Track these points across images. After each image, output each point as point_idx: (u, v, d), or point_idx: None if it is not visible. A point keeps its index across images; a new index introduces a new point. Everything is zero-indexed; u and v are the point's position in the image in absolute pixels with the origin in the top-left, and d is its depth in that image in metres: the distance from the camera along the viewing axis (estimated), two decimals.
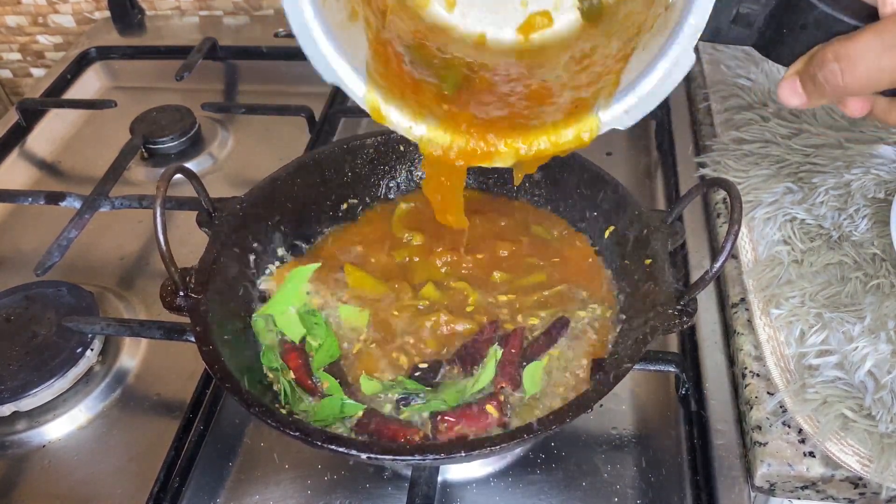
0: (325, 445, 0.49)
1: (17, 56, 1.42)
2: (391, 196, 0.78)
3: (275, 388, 0.62)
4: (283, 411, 0.58)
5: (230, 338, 0.61)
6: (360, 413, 0.59)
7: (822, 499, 0.61)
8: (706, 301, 0.74)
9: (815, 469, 0.58)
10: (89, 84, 1.20)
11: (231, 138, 1.06)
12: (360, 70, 0.51)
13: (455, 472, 0.63)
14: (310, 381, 0.61)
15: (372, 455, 0.49)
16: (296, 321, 0.65)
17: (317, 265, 0.69)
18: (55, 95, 1.14)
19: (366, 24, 0.51)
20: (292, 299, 0.66)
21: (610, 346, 0.63)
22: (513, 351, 0.62)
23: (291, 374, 0.61)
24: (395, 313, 0.66)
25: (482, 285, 0.69)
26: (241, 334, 0.64)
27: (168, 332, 0.68)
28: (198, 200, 0.66)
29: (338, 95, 1.06)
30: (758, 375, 0.64)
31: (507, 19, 0.56)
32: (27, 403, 0.69)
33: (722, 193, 0.82)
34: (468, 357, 0.62)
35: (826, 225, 0.73)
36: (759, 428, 0.61)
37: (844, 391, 0.60)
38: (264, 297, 0.68)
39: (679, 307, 0.57)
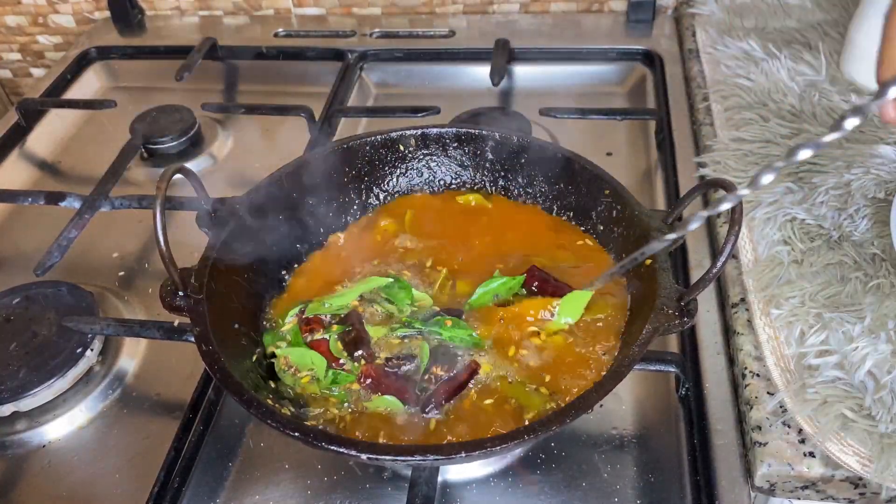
0: (325, 446, 0.49)
1: (17, 56, 1.42)
2: (391, 197, 0.78)
3: (278, 364, 0.63)
4: (286, 412, 0.58)
5: (230, 338, 0.61)
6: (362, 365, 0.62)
7: (822, 499, 0.61)
8: (706, 301, 0.74)
9: (815, 469, 0.58)
10: (89, 84, 1.20)
11: (231, 138, 1.06)
12: None
13: (455, 472, 0.63)
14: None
15: (372, 455, 0.49)
16: (343, 300, 0.67)
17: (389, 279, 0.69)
18: (55, 95, 1.14)
19: None
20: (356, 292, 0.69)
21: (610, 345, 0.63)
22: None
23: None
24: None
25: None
26: (241, 334, 0.64)
27: (168, 332, 0.68)
28: (198, 200, 0.66)
29: (337, 95, 1.07)
30: (758, 375, 0.64)
31: None
32: (27, 403, 0.69)
33: (722, 193, 0.82)
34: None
35: (826, 225, 0.73)
36: (759, 428, 0.61)
37: (844, 391, 0.60)
38: (263, 297, 0.68)
39: (679, 307, 0.57)
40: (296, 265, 0.72)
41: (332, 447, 0.49)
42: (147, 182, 0.99)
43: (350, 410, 0.60)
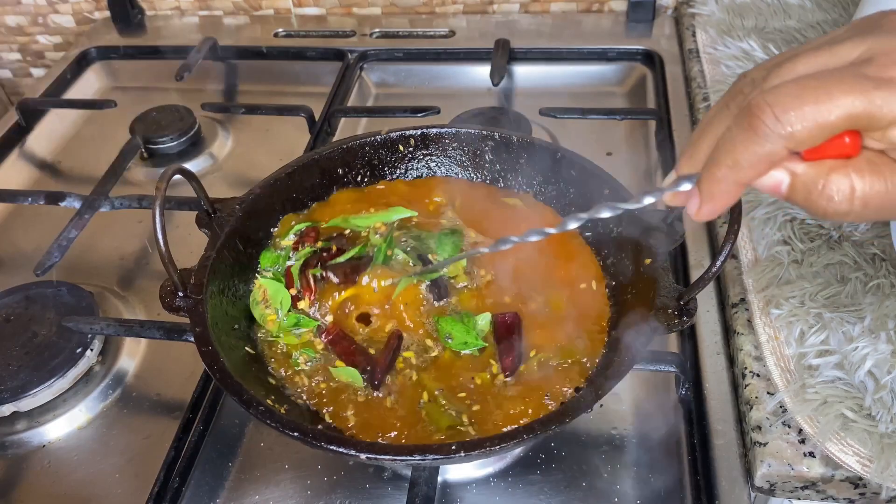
0: (325, 446, 0.49)
1: (17, 56, 1.42)
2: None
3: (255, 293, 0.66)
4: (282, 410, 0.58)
5: (230, 338, 0.62)
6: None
7: (822, 499, 0.61)
8: (706, 301, 0.74)
9: (815, 469, 0.58)
10: (89, 84, 1.20)
11: (231, 138, 1.06)
12: None
13: (455, 472, 0.63)
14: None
15: (372, 455, 0.49)
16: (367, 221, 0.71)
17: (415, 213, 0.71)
18: (55, 95, 1.14)
19: None
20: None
21: (606, 348, 0.63)
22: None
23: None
24: None
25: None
26: (241, 334, 0.64)
27: (168, 332, 0.68)
28: (198, 200, 0.66)
29: (337, 95, 1.07)
30: (758, 375, 0.64)
31: None
32: (27, 403, 0.69)
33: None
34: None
35: (826, 225, 0.73)
36: (759, 428, 0.61)
37: (844, 391, 0.60)
38: None
39: (679, 307, 0.57)
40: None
41: (332, 447, 0.49)
42: (147, 182, 0.99)
43: (319, 380, 0.61)
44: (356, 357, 0.62)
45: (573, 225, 0.48)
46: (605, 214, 0.46)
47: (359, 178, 0.76)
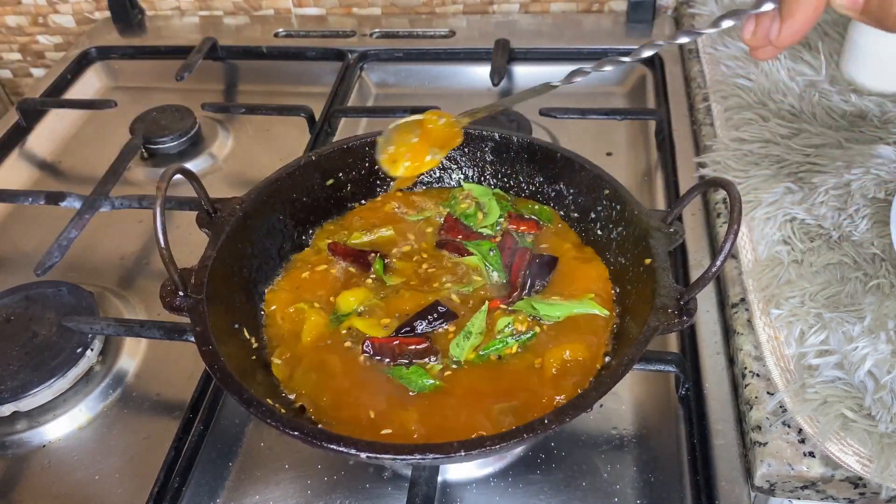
0: (325, 445, 0.49)
1: (17, 56, 1.42)
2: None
3: None
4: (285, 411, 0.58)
5: (230, 338, 0.61)
6: None
7: (822, 499, 0.61)
8: (706, 301, 0.74)
9: (815, 469, 0.59)
10: (89, 84, 1.20)
11: (231, 138, 1.06)
12: None
13: (455, 472, 0.63)
14: None
15: (372, 455, 0.49)
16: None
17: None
18: (55, 95, 1.14)
19: None
20: None
21: (608, 346, 0.63)
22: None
23: None
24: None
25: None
26: (241, 334, 0.64)
27: (168, 332, 0.68)
28: (198, 200, 0.66)
29: (337, 95, 1.07)
30: (758, 375, 0.64)
31: None
32: (27, 403, 0.69)
33: (722, 193, 0.82)
34: None
35: (826, 225, 0.73)
36: (759, 428, 0.61)
37: (844, 391, 0.60)
38: (264, 296, 0.68)
39: (679, 306, 0.57)
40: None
41: (332, 446, 0.49)
42: (147, 182, 0.99)
43: None
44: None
45: (648, 52, 0.52)
46: (683, 40, 0.48)
47: (359, 178, 0.76)
